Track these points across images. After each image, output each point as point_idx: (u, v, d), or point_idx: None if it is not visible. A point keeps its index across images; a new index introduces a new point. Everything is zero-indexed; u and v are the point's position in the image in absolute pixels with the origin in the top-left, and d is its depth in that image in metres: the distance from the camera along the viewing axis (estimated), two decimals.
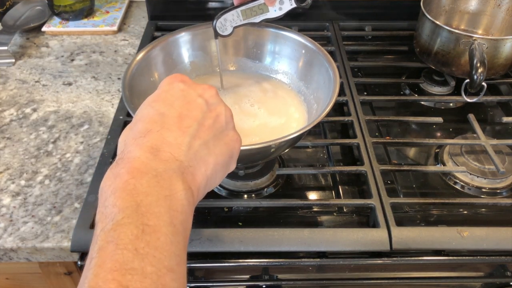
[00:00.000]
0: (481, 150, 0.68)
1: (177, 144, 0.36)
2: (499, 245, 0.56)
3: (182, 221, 0.34)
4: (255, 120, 0.64)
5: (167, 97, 0.40)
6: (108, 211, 0.32)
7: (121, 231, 0.30)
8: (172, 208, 0.33)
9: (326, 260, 0.56)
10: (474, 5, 0.88)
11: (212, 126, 0.40)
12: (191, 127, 0.38)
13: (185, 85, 0.41)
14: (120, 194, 0.32)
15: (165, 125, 0.37)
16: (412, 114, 0.79)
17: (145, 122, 0.38)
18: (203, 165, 0.38)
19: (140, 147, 0.35)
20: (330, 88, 0.59)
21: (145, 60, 0.64)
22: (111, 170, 0.35)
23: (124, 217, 0.31)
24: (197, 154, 0.37)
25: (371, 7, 0.96)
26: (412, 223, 0.60)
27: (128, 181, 0.33)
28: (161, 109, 0.39)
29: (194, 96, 0.40)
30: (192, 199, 0.35)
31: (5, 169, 0.66)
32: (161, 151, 0.35)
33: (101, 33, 0.96)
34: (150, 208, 0.32)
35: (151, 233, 0.31)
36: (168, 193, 0.33)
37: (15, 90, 0.81)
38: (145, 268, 0.29)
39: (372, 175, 0.62)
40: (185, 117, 0.38)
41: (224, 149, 0.40)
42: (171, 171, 0.34)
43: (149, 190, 0.33)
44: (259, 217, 0.61)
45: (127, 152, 0.36)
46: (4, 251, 0.56)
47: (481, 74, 0.69)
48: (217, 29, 0.63)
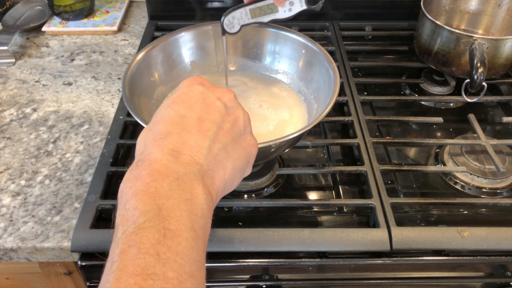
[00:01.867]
0: (481, 150, 0.68)
1: (197, 147, 0.36)
2: (499, 245, 0.56)
3: (202, 225, 0.34)
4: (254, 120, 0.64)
5: (187, 99, 0.40)
6: (129, 214, 0.32)
7: (143, 235, 0.30)
8: (193, 212, 0.33)
9: (326, 260, 0.56)
10: (475, 5, 0.88)
11: (230, 129, 0.40)
12: (210, 130, 0.38)
13: (204, 88, 0.41)
14: (142, 196, 0.32)
15: (185, 127, 0.37)
16: (412, 114, 0.79)
17: (166, 123, 0.38)
18: (222, 169, 0.38)
19: (161, 149, 0.35)
20: (330, 88, 0.59)
21: (145, 60, 0.64)
22: (131, 171, 0.35)
23: (146, 221, 0.31)
24: (216, 157, 0.37)
25: (371, 7, 0.96)
26: (412, 223, 0.60)
27: (150, 183, 0.33)
28: (181, 111, 0.39)
29: (213, 99, 0.40)
30: (212, 203, 0.36)
31: (5, 169, 0.66)
32: (182, 153, 0.35)
33: (101, 33, 0.96)
34: (171, 212, 0.32)
35: (172, 238, 0.31)
36: (188, 196, 0.33)
37: (15, 90, 0.81)
38: (167, 273, 0.29)
39: (372, 175, 0.62)
40: (205, 120, 0.38)
41: (242, 154, 0.40)
42: (192, 175, 0.34)
43: (170, 193, 0.32)
44: (259, 217, 0.61)
45: (147, 153, 0.35)
46: (4, 251, 0.56)
47: (482, 74, 0.69)
48: (225, 26, 0.62)
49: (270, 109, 0.66)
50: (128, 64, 0.62)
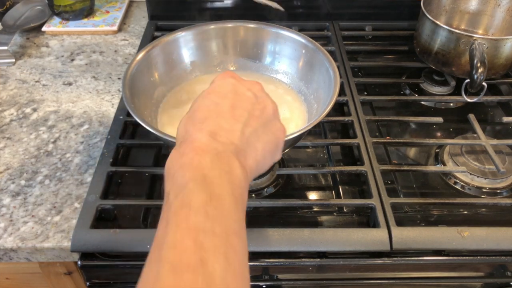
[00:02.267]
0: (481, 150, 0.68)
1: (232, 130, 0.41)
2: (499, 245, 0.56)
3: (240, 193, 0.38)
4: None
5: (220, 90, 0.44)
6: (178, 181, 0.36)
7: (193, 196, 0.34)
8: (232, 181, 0.37)
9: (326, 260, 0.56)
10: (475, 5, 0.88)
11: (260, 116, 0.43)
12: (242, 116, 0.42)
13: (235, 80, 0.45)
14: (188, 168, 0.36)
15: (220, 113, 0.42)
16: (412, 114, 0.79)
17: (203, 111, 0.42)
18: (254, 150, 0.42)
19: (200, 131, 0.40)
20: (330, 88, 0.59)
21: (145, 60, 0.64)
22: (176, 150, 0.39)
23: (194, 185, 0.35)
24: (248, 140, 0.41)
25: (371, 7, 0.96)
26: (412, 223, 0.60)
27: (194, 157, 0.37)
28: (215, 100, 0.43)
29: (244, 90, 0.44)
30: (246, 178, 0.39)
31: (5, 169, 0.66)
32: (219, 135, 0.40)
33: (101, 33, 0.96)
34: (214, 180, 0.36)
35: (217, 200, 0.35)
36: (228, 169, 0.37)
37: (15, 90, 0.81)
38: (215, 229, 0.33)
39: (372, 175, 0.62)
40: (237, 107, 0.42)
41: (271, 138, 0.44)
42: (229, 152, 0.39)
43: (212, 165, 0.37)
44: (259, 217, 0.61)
45: (188, 135, 0.40)
46: (4, 251, 0.56)
47: (481, 74, 0.69)
48: None
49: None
50: (128, 64, 0.62)
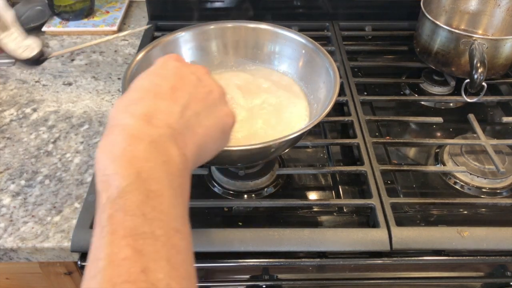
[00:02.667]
0: (481, 150, 0.68)
1: (169, 112, 0.37)
2: (499, 245, 0.56)
3: (180, 183, 0.35)
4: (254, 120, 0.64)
5: (162, 72, 0.41)
6: (110, 179, 0.32)
7: (127, 198, 0.31)
8: (170, 172, 0.34)
9: (326, 260, 0.56)
10: (474, 5, 0.88)
11: (204, 99, 0.41)
12: (183, 98, 0.39)
13: (180, 63, 0.42)
14: (120, 162, 0.33)
15: (158, 94, 0.38)
16: (412, 114, 0.79)
17: (139, 91, 0.39)
18: (193, 135, 0.39)
19: (133, 114, 0.36)
20: (330, 88, 0.59)
21: (145, 60, 0.64)
22: (106, 137, 0.35)
23: (128, 184, 0.32)
24: (188, 123, 0.38)
25: (371, 7, 0.96)
26: (412, 223, 0.60)
27: (126, 148, 0.34)
28: (155, 81, 0.40)
29: (188, 73, 0.42)
30: (187, 164, 0.37)
31: (5, 169, 0.66)
32: (154, 118, 0.36)
33: (101, 33, 0.96)
34: (150, 174, 0.33)
35: (155, 198, 0.32)
36: (165, 158, 0.34)
37: (15, 90, 0.81)
38: (155, 231, 0.30)
39: (372, 175, 0.62)
40: (178, 89, 0.39)
41: (215, 122, 0.41)
42: (165, 137, 0.36)
43: (147, 156, 0.34)
44: (259, 217, 0.61)
45: (120, 119, 0.36)
46: (4, 251, 0.56)
47: (481, 74, 0.69)
48: None
49: (270, 109, 0.66)
50: (128, 64, 0.62)
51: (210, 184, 0.64)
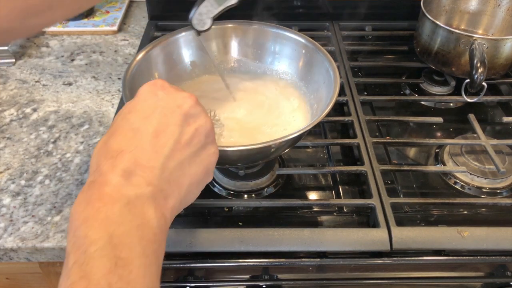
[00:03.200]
0: (481, 150, 0.68)
1: (149, 167, 0.35)
2: (499, 245, 0.56)
3: (155, 250, 0.33)
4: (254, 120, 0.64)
5: (144, 108, 0.38)
6: (80, 241, 0.31)
7: (94, 265, 0.29)
8: (145, 238, 0.32)
9: (326, 260, 0.56)
10: (474, 5, 0.88)
11: (189, 142, 0.38)
12: (166, 147, 0.36)
13: (164, 94, 0.39)
14: (92, 223, 0.31)
15: (138, 143, 0.36)
16: (412, 114, 0.79)
17: (118, 138, 0.36)
18: (177, 188, 0.37)
19: (112, 170, 0.34)
20: (330, 88, 0.59)
21: (145, 60, 0.64)
22: (82, 194, 0.34)
23: (96, 250, 0.30)
24: (170, 177, 0.36)
25: (371, 7, 0.96)
26: (412, 223, 0.60)
27: (100, 208, 0.32)
28: (136, 123, 0.37)
29: (173, 107, 0.38)
30: (165, 225, 0.35)
31: (5, 169, 0.66)
32: (134, 174, 0.34)
33: (101, 33, 0.96)
34: (122, 239, 0.31)
35: (123, 266, 0.30)
36: (140, 222, 0.33)
37: (15, 90, 0.81)
38: None
39: (372, 175, 0.62)
40: (161, 134, 0.37)
41: (200, 168, 0.39)
42: (144, 198, 0.34)
43: (121, 220, 0.32)
44: (259, 217, 0.61)
45: (98, 174, 0.34)
46: (4, 251, 0.56)
47: (481, 74, 0.69)
48: (195, 25, 0.59)
49: (270, 109, 0.66)
50: (128, 64, 0.62)
51: (210, 184, 0.64)
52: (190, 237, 0.54)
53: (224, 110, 0.65)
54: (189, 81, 0.70)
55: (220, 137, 0.61)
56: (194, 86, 0.70)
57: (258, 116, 0.65)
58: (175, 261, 0.55)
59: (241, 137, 0.61)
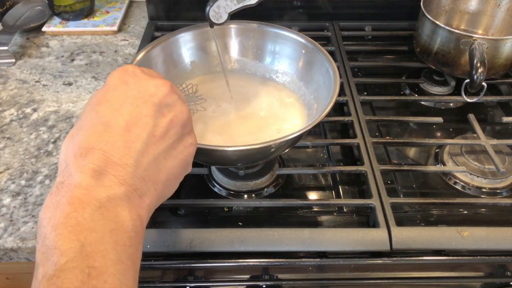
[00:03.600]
0: (481, 150, 0.68)
1: (122, 165, 0.32)
2: (499, 245, 0.56)
3: (131, 254, 0.31)
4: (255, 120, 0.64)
5: (114, 98, 0.35)
6: (49, 252, 0.29)
7: (65, 277, 0.27)
8: (119, 243, 0.30)
9: (326, 260, 0.56)
10: (474, 5, 0.88)
11: (164, 135, 0.35)
12: (139, 141, 0.34)
13: (135, 82, 0.36)
14: (62, 231, 0.29)
15: (109, 139, 0.33)
16: (412, 114, 0.79)
17: (87, 133, 0.33)
18: (152, 185, 0.34)
19: (82, 170, 0.31)
20: (330, 88, 0.59)
21: (145, 60, 0.64)
22: (51, 196, 0.31)
23: (67, 261, 0.28)
24: (145, 173, 0.34)
25: (371, 7, 0.96)
26: (412, 223, 0.60)
27: (70, 214, 0.29)
28: (106, 116, 0.34)
29: (145, 97, 0.35)
30: (141, 226, 0.33)
31: (5, 169, 0.66)
32: (105, 174, 0.32)
33: (101, 33, 0.96)
34: (95, 247, 0.29)
35: (97, 276, 0.28)
36: (114, 226, 0.30)
37: (15, 90, 0.81)
38: None
39: (372, 175, 0.62)
40: (133, 127, 0.34)
41: (176, 161, 0.37)
42: (117, 200, 0.31)
43: (93, 225, 0.30)
44: (259, 217, 0.61)
45: (68, 174, 0.32)
46: (4, 251, 0.56)
47: (481, 74, 0.69)
48: (211, 17, 0.58)
49: (270, 109, 0.66)
50: None
51: (210, 184, 0.64)
52: (190, 237, 0.54)
53: (224, 109, 0.65)
54: (189, 81, 0.70)
55: (214, 124, 0.59)
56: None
57: (258, 116, 0.65)
58: (175, 261, 0.55)
59: (241, 137, 0.61)
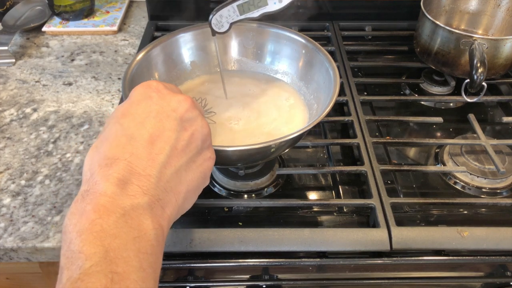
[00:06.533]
0: (481, 150, 0.68)
1: (146, 176, 0.34)
2: (499, 245, 0.56)
3: (152, 263, 0.32)
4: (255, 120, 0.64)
5: (138, 112, 0.36)
6: (74, 256, 0.30)
7: (89, 281, 0.28)
8: (141, 251, 0.31)
9: (326, 260, 0.56)
10: (474, 5, 0.88)
11: (186, 148, 0.37)
12: (162, 154, 0.35)
13: (159, 97, 0.38)
14: (87, 236, 0.30)
15: (133, 151, 0.34)
16: (412, 114, 0.79)
17: (112, 145, 0.35)
18: (174, 196, 0.35)
19: (107, 179, 0.33)
20: (330, 88, 0.59)
21: (145, 60, 0.64)
22: (76, 204, 0.32)
23: (92, 265, 0.29)
24: (167, 185, 0.35)
25: (371, 7, 0.96)
26: (412, 223, 0.60)
27: (95, 221, 0.31)
28: (130, 129, 0.35)
29: (168, 112, 0.37)
30: (162, 236, 0.34)
31: (5, 169, 0.66)
32: (129, 183, 0.33)
33: (101, 33, 0.96)
34: (118, 253, 0.30)
35: (120, 282, 0.29)
36: (137, 234, 0.32)
37: (15, 90, 0.81)
38: None
39: (372, 175, 0.62)
40: (157, 140, 0.35)
41: (196, 174, 0.38)
42: (140, 208, 0.32)
43: (117, 232, 0.31)
44: (259, 217, 0.61)
45: (93, 183, 0.33)
46: (4, 251, 0.56)
47: (481, 74, 0.69)
48: (213, 26, 0.59)
49: (270, 109, 0.66)
50: (128, 64, 0.62)
51: (210, 184, 0.64)
52: (190, 237, 0.54)
53: (224, 110, 0.65)
54: (189, 81, 0.70)
55: (214, 124, 0.60)
56: (194, 86, 0.70)
57: (258, 116, 0.65)
58: (175, 261, 0.55)
59: (241, 137, 0.61)
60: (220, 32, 0.60)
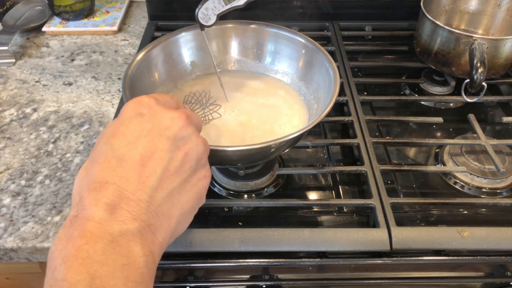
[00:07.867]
0: (481, 150, 0.68)
1: (136, 200, 0.32)
2: (499, 245, 0.56)
3: None
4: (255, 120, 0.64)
5: (129, 131, 0.35)
6: (57, 284, 0.28)
7: None
8: (130, 279, 0.30)
9: (326, 260, 0.56)
10: (474, 5, 0.88)
11: (179, 169, 0.35)
12: (153, 176, 0.33)
13: (150, 114, 0.36)
14: (72, 263, 0.29)
15: (123, 174, 0.33)
16: (412, 114, 0.79)
17: (102, 167, 0.33)
18: (166, 221, 0.34)
19: (95, 204, 0.31)
20: (330, 88, 0.59)
21: (145, 60, 0.64)
22: (64, 229, 0.31)
23: None
24: (158, 209, 0.33)
25: (371, 7, 0.96)
26: (412, 223, 0.60)
27: (81, 247, 0.29)
28: (120, 150, 0.34)
29: (161, 130, 0.35)
30: (153, 263, 0.33)
31: (5, 169, 0.66)
32: (118, 209, 0.31)
33: (101, 33, 0.96)
34: (105, 281, 0.28)
35: None
36: (125, 261, 0.30)
37: (15, 90, 0.81)
38: None
39: (372, 175, 0.62)
40: (148, 161, 0.34)
41: (191, 195, 0.37)
42: (129, 235, 0.31)
43: (104, 259, 0.29)
44: (259, 217, 0.61)
45: (81, 207, 0.32)
46: (4, 251, 0.56)
47: (481, 74, 0.69)
48: (200, 20, 0.59)
49: (270, 109, 0.66)
50: (128, 64, 0.62)
51: (210, 184, 0.64)
52: (190, 237, 0.54)
53: (224, 110, 0.65)
54: (189, 81, 0.70)
55: (220, 119, 0.61)
56: (194, 86, 0.70)
57: (258, 116, 0.65)
58: (175, 261, 0.55)
59: (241, 137, 0.61)
60: (208, 26, 0.60)
